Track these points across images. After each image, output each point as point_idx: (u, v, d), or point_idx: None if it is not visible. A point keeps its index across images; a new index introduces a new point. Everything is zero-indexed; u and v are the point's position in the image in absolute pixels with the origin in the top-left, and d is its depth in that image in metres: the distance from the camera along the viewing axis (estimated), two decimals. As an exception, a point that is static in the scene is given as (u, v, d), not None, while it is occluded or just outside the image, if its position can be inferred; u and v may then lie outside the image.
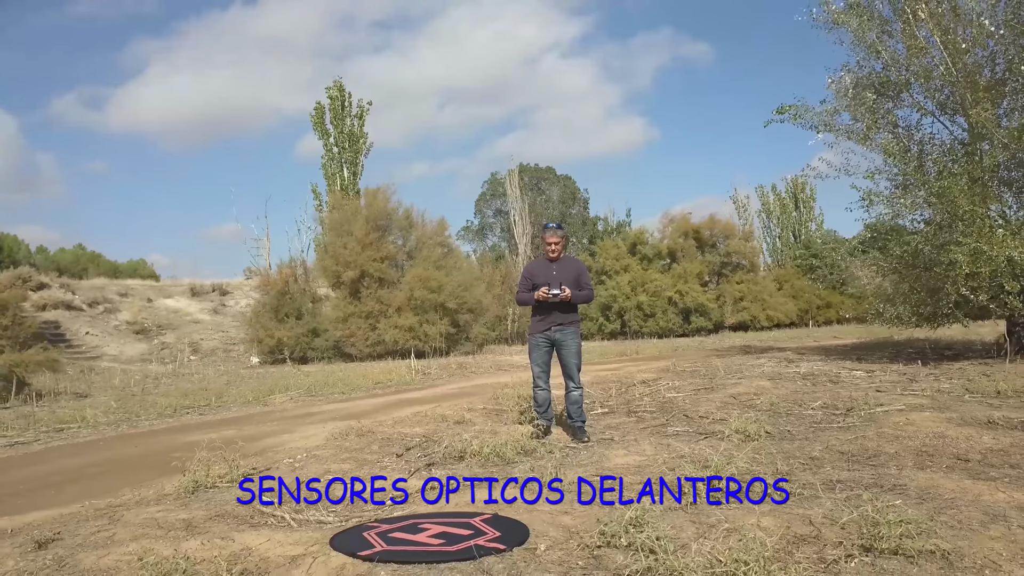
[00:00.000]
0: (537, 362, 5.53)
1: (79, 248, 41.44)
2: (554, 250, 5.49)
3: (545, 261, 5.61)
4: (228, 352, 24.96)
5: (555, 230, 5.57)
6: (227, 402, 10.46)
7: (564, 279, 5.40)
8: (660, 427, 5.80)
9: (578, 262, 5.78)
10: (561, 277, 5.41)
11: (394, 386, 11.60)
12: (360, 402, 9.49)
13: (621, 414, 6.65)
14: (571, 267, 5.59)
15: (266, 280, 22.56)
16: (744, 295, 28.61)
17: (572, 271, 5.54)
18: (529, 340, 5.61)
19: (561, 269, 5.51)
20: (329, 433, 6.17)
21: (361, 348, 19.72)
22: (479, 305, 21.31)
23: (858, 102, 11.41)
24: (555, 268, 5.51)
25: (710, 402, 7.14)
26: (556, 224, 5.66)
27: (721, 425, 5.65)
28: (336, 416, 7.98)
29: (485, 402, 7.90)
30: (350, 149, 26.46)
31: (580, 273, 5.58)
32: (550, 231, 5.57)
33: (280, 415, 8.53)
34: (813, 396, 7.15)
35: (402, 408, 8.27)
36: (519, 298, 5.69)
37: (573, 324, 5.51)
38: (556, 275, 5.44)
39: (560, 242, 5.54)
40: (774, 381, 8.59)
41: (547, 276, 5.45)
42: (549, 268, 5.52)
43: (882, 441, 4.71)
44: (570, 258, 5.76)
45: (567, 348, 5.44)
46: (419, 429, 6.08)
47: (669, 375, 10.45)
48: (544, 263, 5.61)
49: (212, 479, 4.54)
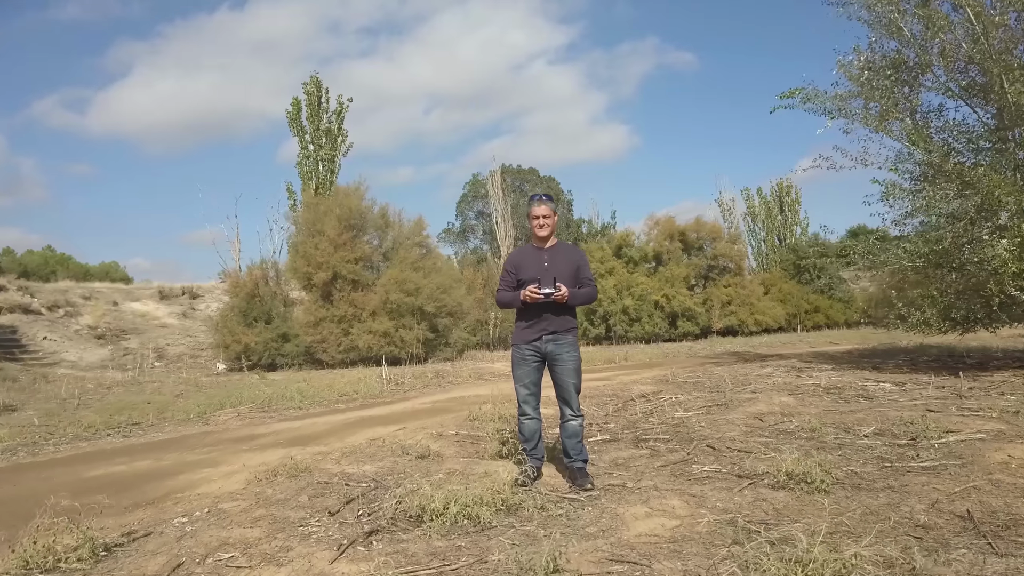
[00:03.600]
0: (523, 381, 4.09)
1: (48, 250, 39.43)
2: (543, 225, 4.08)
3: (533, 249, 4.19)
4: (195, 358, 23.24)
5: (544, 201, 4.13)
6: (167, 419, 8.92)
7: (559, 273, 3.99)
8: (682, 465, 4.39)
9: (576, 250, 4.33)
10: (555, 270, 4.01)
11: (360, 399, 10.11)
12: (316, 420, 8.01)
13: (627, 443, 5.24)
14: (567, 257, 4.16)
15: (234, 282, 20.91)
16: (732, 299, 27.39)
17: (569, 262, 4.13)
18: (513, 352, 4.17)
19: (555, 259, 4.10)
20: (255, 472, 4.70)
21: (333, 355, 18.17)
22: (459, 308, 19.82)
23: (872, 86, 10.13)
24: (547, 258, 4.10)
25: (731, 425, 5.76)
26: (545, 195, 4.22)
27: (760, 461, 4.26)
28: (280, 441, 6.50)
29: (459, 423, 6.46)
30: (327, 147, 24.87)
31: (579, 265, 4.15)
32: (537, 202, 4.13)
33: (216, 438, 7.03)
34: (855, 418, 5.80)
35: (360, 430, 6.81)
36: (500, 298, 4.24)
37: (570, 333, 4.09)
38: (548, 268, 4.03)
39: (551, 217, 4.12)
40: (797, 397, 7.23)
41: (536, 269, 4.04)
42: (539, 258, 4.11)
43: (1005, 495, 3.34)
44: (566, 245, 4.33)
45: (563, 364, 4.02)
46: (370, 467, 4.61)
47: (670, 387, 9.07)
48: (532, 252, 4.18)
49: (56, 555, 3.07)
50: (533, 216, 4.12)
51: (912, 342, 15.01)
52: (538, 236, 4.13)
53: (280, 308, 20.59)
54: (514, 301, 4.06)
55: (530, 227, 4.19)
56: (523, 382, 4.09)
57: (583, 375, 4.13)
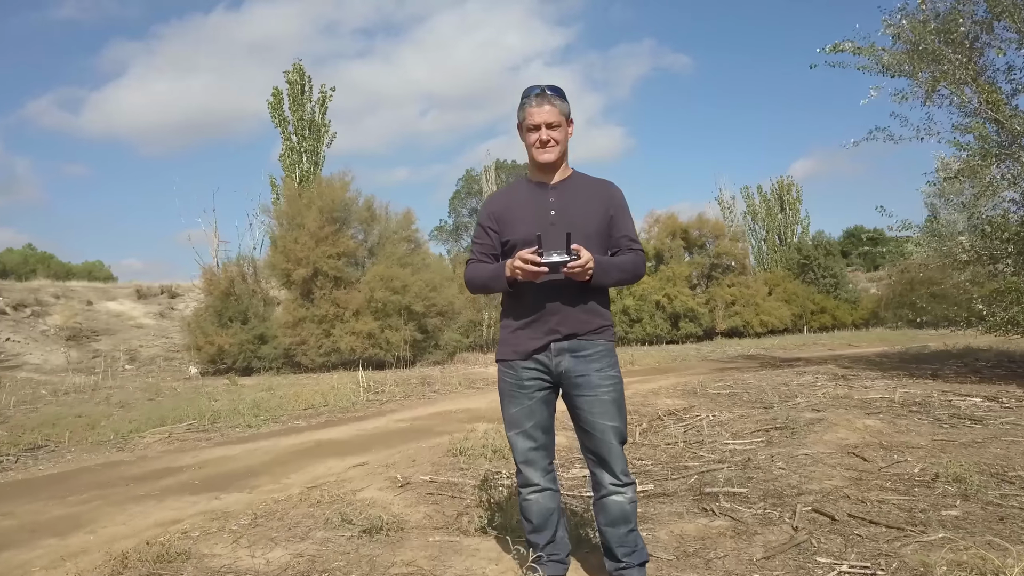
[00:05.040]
0: (520, 426, 2.28)
1: (28, 248, 37.47)
2: (547, 141, 2.22)
3: (530, 188, 2.33)
4: (169, 361, 21.34)
5: (548, 98, 2.23)
6: (82, 440, 7.08)
7: (576, 227, 2.16)
8: (797, 555, 2.59)
9: (607, 187, 2.36)
10: (569, 222, 2.19)
11: (327, 413, 8.28)
12: (261, 444, 6.18)
13: (685, 500, 3.43)
14: (592, 198, 2.29)
15: (209, 280, 19.01)
16: (736, 299, 25.61)
17: (594, 208, 2.28)
18: (500, 375, 2.33)
19: (569, 203, 2.26)
20: (106, 558, 2.88)
21: (313, 358, 16.28)
22: (450, 308, 17.95)
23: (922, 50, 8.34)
24: (554, 201, 2.27)
25: (820, 465, 3.97)
26: (549, 87, 2.25)
27: (928, 548, 2.49)
28: (195, 481, 4.67)
29: (438, 458, 4.64)
30: (310, 138, 23.07)
31: (613, 212, 2.29)
32: (536, 100, 2.23)
33: (118, 473, 5.20)
34: (991, 454, 4.03)
35: (307, 464, 4.99)
36: (471, 276, 2.37)
37: (600, 336, 2.25)
38: (557, 218, 2.23)
39: (559, 125, 2.24)
40: (879, 418, 5.45)
41: (535, 220, 2.22)
42: (540, 202, 2.27)
43: None
44: (587, 179, 2.37)
45: (592, 393, 2.20)
46: (282, 554, 2.80)
47: (701, 400, 7.29)
48: (528, 192, 2.33)
49: None
50: (530, 125, 2.22)
51: (955, 344, 13.30)
52: (538, 163, 2.25)
53: (259, 308, 18.69)
54: (494, 280, 2.23)
55: (525, 147, 2.30)
56: (521, 427, 2.27)
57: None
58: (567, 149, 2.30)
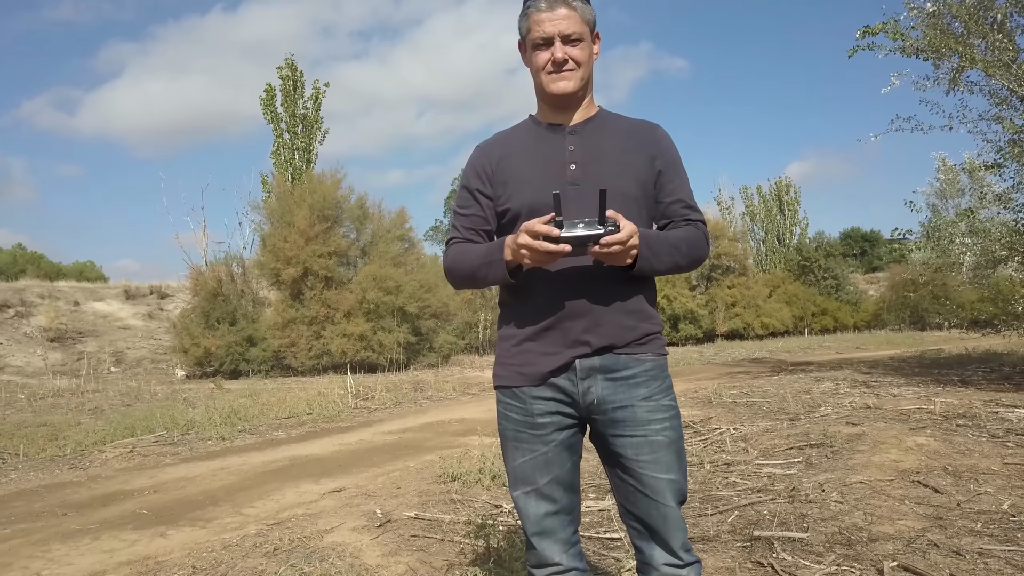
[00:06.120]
0: (530, 481, 1.51)
1: (18, 248, 36.59)
2: (563, 60, 1.47)
3: (536, 128, 1.58)
4: (156, 363, 20.57)
5: (560, 1, 1.47)
6: (40, 452, 6.35)
7: (611, 183, 1.39)
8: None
9: (651, 130, 1.59)
10: (598, 176, 1.47)
11: (310, 423, 7.55)
12: (231, 461, 5.47)
13: (729, 547, 2.74)
14: (628, 143, 1.54)
15: (196, 280, 18.25)
16: (736, 301, 24.96)
17: (633, 158, 1.53)
18: (499, 409, 1.56)
19: (593, 152, 1.52)
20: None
21: (303, 360, 15.56)
22: (445, 309, 17.24)
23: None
24: (572, 147, 1.52)
25: (882, 497, 3.29)
26: None
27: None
28: (145, 509, 3.95)
29: (427, 486, 3.94)
30: (303, 135, 22.34)
31: (663, 167, 1.54)
32: (547, 3, 1.47)
33: (59, 498, 4.48)
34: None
35: (278, 488, 4.28)
36: (453, 260, 1.56)
37: (647, 346, 1.51)
38: (578, 172, 1.50)
39: (581, 39, 1.48)
40: (937, 437, 4.75)
41: (547, 175, 1.49)
42: (554, 149, 1.53)
43: None
44: (619, 119, 1.60)
45: (641, 432, 1.45)
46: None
47: (719, 411, 6.60)
48: (535, 134, 1.57)
49: None
50: (538, 39, 1.49)
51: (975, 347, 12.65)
52: (552, 94, 1.52)
53: (248, 309, 17.96)
54: (487, 266, 1.49)
55: (532, 73, 1.56)
56: (533, 484, 1.52)
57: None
58: (592, 75, 1.58)
